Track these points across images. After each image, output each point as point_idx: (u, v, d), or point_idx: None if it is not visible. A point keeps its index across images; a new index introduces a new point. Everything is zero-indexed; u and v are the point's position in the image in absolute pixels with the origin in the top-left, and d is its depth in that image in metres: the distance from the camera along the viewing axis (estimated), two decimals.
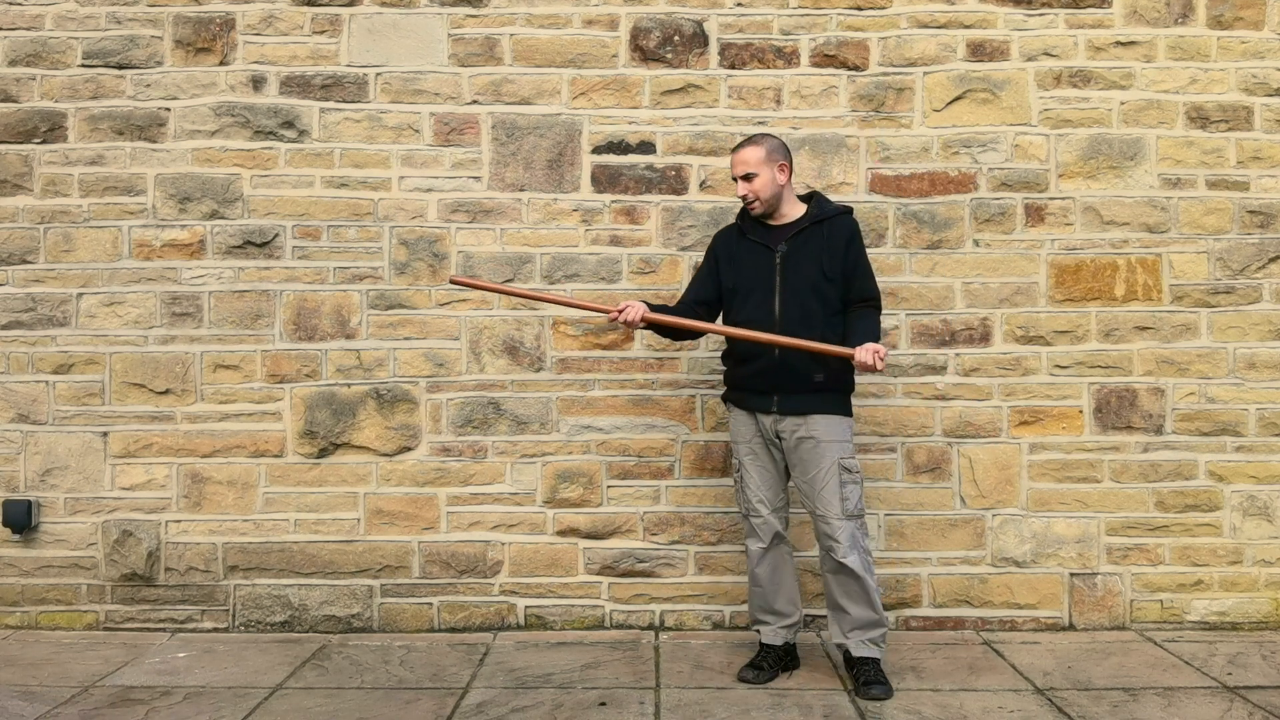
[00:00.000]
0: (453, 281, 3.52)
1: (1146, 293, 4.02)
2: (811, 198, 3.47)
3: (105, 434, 4.01)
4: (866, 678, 3.24)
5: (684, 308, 3.48)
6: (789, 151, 3.43)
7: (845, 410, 3.36)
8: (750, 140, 3.41)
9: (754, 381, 3.35)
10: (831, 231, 3.34)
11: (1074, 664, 3.58)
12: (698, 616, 4.01)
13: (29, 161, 4.02)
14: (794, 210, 3.42)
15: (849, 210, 3.43)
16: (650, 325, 3.39)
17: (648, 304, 3.39)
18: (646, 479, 4.03)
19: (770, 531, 3.38)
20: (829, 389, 3.30)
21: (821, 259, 3.30)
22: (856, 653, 3.29)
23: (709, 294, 3.49)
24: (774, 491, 3.40)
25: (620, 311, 3.32)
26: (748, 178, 3.34)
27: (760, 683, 3.35)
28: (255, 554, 4.01)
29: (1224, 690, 3.32)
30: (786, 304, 3.29)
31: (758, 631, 3.49)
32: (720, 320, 3.49)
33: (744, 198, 3.37)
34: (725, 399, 3.52)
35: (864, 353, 3.15)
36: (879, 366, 3.15)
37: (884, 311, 3.56)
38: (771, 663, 3.42)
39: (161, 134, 4.02)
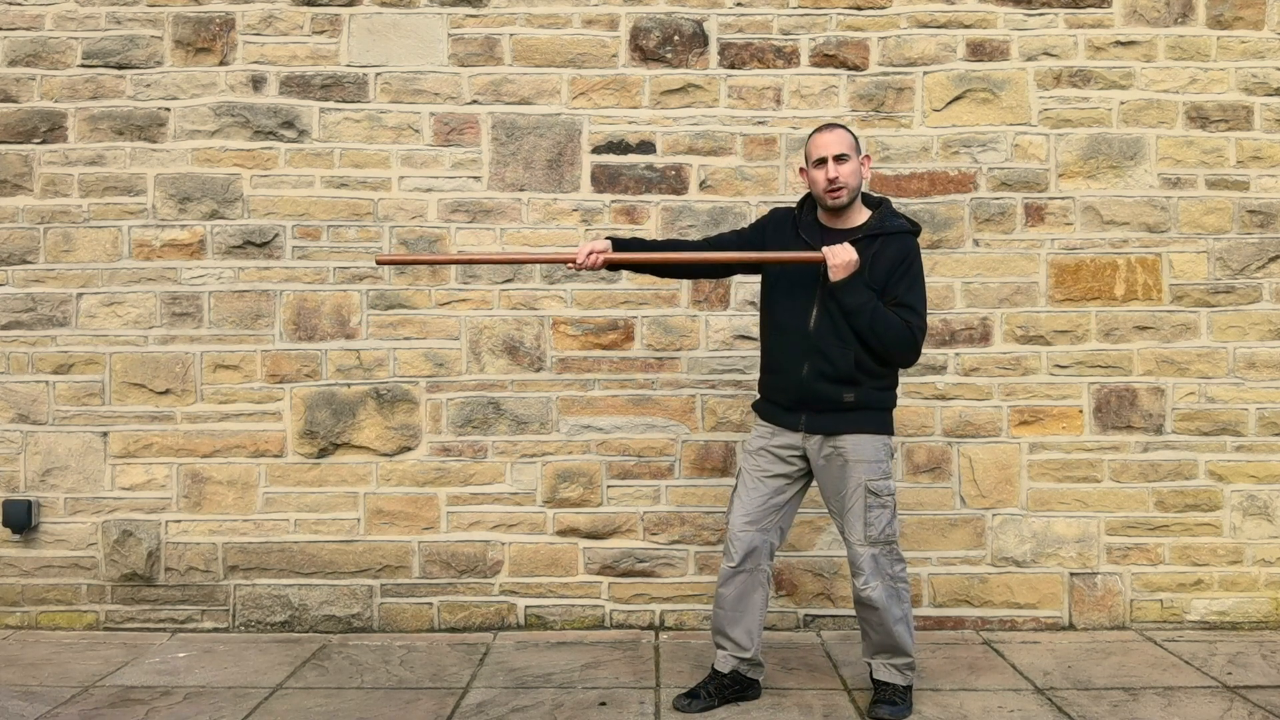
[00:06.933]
0: (379, 262, 3.28)
1: (1146, 292, 4.02)
2: (880, 205, 3.15)
3: (105, 434, 4.01)
4: (878, 697, 3.12)
5: (690, 244, 3.29)
6: None
7: (881, 428, 3.09)
8: (834, 125, 3.12)
9: (781, 396, 3.13)
10: (884, 248, 3.03)
11: (1074, 664, 3.58)
12: (698, 616, 4.01)
13: (29, 161, 4.02)
14: (858, 215, 3.11)
15: (915, 230, 3.12)
16: (615, 266, 3.17)
17: (615, 240, 3.16)
18: (646, 479, 4.03)
19: (743, 549, 3.10)
20: (861, 407, 3.05)
21: (867, 276, 3.00)
22: (877, 675, 3.16)
23: (730, 242, 3.24)
24: (760, 505, 3.12)
25: (582, 258, 3.07)
26: (840, 158, 2.99)
27: (692, 711, 3.10)
28: (255, 554, 4.01)
29: (1224, 690, 3.32)
30: (821, 319, 3.03)
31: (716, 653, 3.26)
32: (760, 315, 3.25)
33: (831, 181, 3.00)
34: (755, 407, 3.26)
35: (832, 251, 2.94)
36: (842, 256, 2.93)
37: None
38: (711, 691, 3.16)
39: (161, 134, 4.02)
